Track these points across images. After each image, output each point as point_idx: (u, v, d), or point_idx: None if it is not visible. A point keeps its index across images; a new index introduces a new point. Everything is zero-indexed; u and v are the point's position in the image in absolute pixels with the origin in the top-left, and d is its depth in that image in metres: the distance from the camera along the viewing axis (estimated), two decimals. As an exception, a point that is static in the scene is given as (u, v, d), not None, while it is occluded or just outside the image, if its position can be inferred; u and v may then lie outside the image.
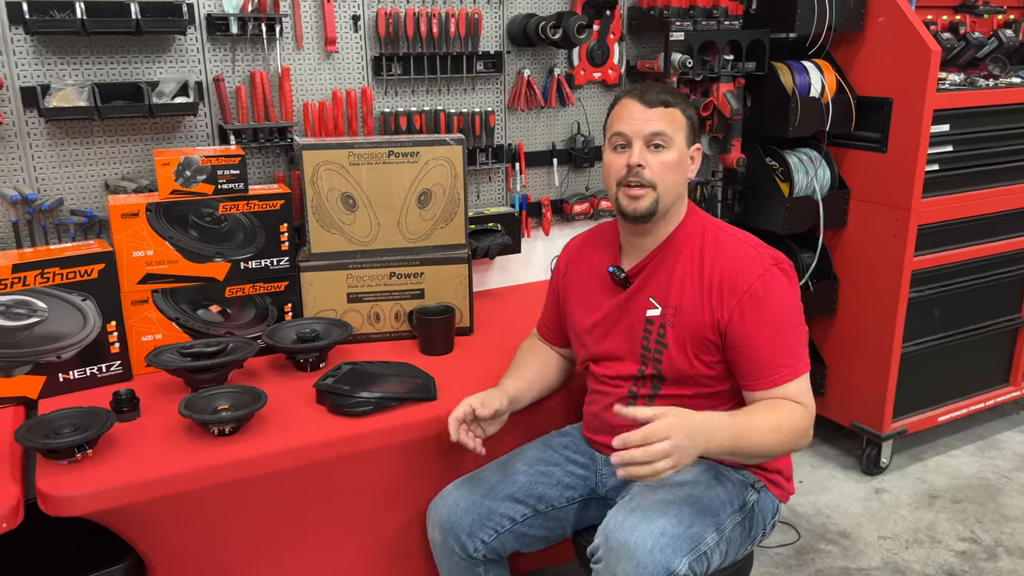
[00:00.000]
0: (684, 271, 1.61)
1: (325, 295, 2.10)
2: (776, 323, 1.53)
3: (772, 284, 1.55)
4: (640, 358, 1.65)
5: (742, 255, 1.58)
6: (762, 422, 1.47)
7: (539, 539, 1.75)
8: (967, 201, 2.73)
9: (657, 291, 1.64)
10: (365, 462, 1.73)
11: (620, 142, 1.60)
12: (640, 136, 1.57)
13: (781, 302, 1.55)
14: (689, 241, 1.64)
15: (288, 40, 2.19)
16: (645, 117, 1.57)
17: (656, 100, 1.58)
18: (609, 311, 1.70)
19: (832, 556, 2.45)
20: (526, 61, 2.52)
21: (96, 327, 1.85)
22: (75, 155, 2.02)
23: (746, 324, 1.53)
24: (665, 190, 1.58)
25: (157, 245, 1.91)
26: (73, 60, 1.97)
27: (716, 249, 1.61)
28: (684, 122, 1.61)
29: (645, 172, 1.57)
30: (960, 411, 2.96)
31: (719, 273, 1.57)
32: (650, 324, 1.63)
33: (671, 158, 1.58)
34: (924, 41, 2.47)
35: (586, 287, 1.77)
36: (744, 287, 1.54)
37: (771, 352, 1.52)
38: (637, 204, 1.58)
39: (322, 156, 2.03)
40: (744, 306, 1.53)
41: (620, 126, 1.60)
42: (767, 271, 1.55)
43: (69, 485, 1.47)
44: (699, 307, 1.57)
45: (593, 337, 1.73)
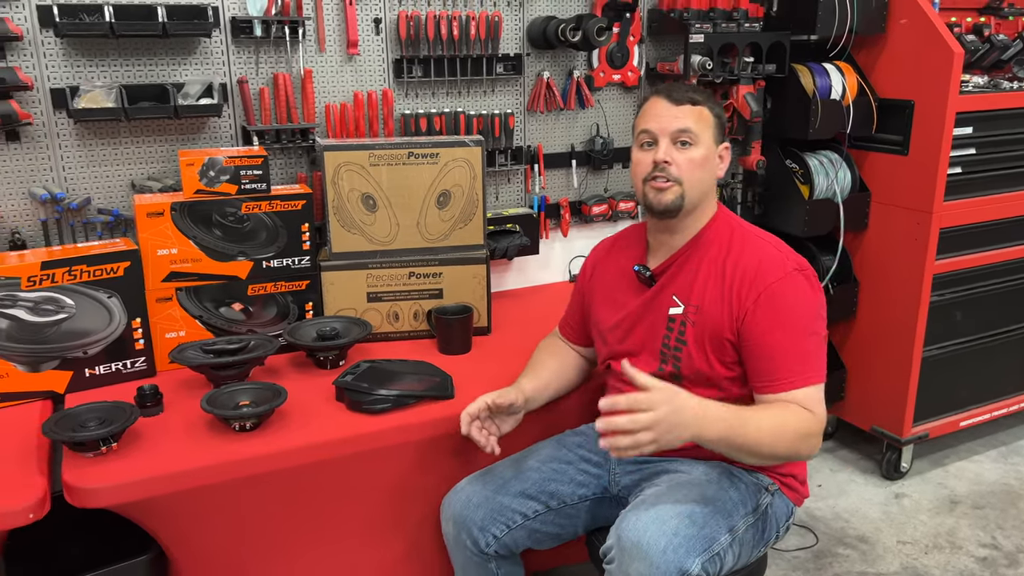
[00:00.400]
0: (709, 270, 1.61)
1: (345, 294, 2.13)
2: (790, 327, 1.52)
3: (792, 287, 1.54)
4: (660, 355, 1.65)
5: (764, 255, 1.59)
6: (763, 419, 1.46)
7: (551, 536, 1.76)
8: (990, 204, 2.70)
9: (681, 289, 1.64)
10: (382, 459, 1.75)
11: (647, 139, 1.61)
12: (666, 133, 1.58)
13: (798, 307, 1.54)
14: (716, 241, 1.64)
15: (311, 43, 2.22)
16: (672, 114, 1.58)
17: (684, 98, 1.59)
18: (633, 309, 1.71)
19: (850, 560, 2.43)
20: (546, 63, 2.54)
21: (121, 324, 1.89)
22: (102, 155, 2.06)
23: (759, 324, 1.53)
24: (691, 186, 1.59)
25: (181, 244, 1.95)
26: (101, 62, 2.01)
27: (741, 249, 1.61)
28: (712, 120, 1.61)
29: (671, 168, 1.58)
30: (983, 416, 2.92)
31: (740, 272, 1.57)
32: (672, 322, 1.64)
33: (697, 155, 1.59)
34: (947, 43, 2.45)
35: (612, 287, 1.78)
36: (762, 286, 1.54)
37: (782, 356, 1.51)
38: (662, 197, 1.59)
39: (343, 157, 2.06)
40: (759, 305, 1.53)
41: (647, 123, 1.61)
42: (788, 275, 1.55)
43: (94, 477, 1.51)
44: (719, 306, 1.58)
45: (616, 335, 1.74)
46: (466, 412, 1.67)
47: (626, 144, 2.72)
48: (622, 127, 2.70)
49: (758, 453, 1.47)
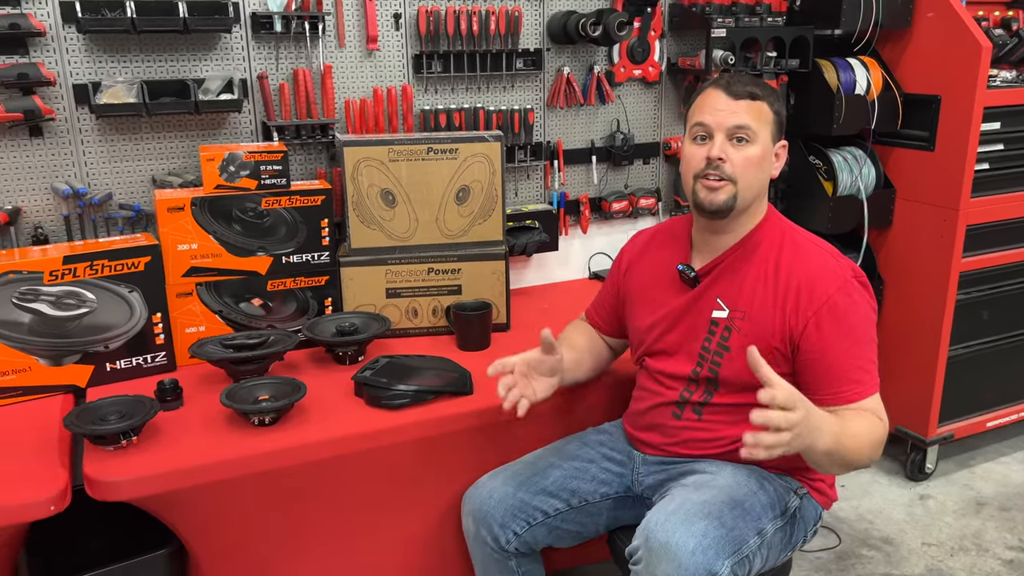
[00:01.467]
0: (758, 275, 1.56)
1: (364, 290, 2.12)
2: (852, 337, 1.48)
3: (852, 297, 1.50)
4: (698, 358, 1.60)
5: (821, 263, 1.53)
6: (856, 428, 1.41)
7: (571, 534, 1.74)
8: (1017, 201, 2.65)
9: (726, 292, 1.59)
10: (401, 454, 1.74)
11: (701, 133, 1.54)
12: (723, 128, 1.51)
13: (859, 317, 1.50)
14: (766, 243, 1.58)
15: (330, 38, 2.22)
16: (730, 109, 1.51)
17: (743, 92, 1.52)
18: (673, 309, 1.65)
19: (874, 562, 2.40)
20: (566, 58, 2.52)
21: (142, 318, 1.89)
22: (124, 150, 2.07)
23: (823, 336, 1.48)
24: (745, 186, 1.52)
25: (201, 239, 1.95)
26: (123, 58, 2.02)
27: (794, 255, 1.55)
28: (771, 117, 1.54)
29: (725, 166, 1.51)
30: (1009, 417, 2.87)
31: (796, 280, 1.52)
32: (714, 326, 1.59)
33: (754, 153, 1.52)
34: (974, 37, 2.41)
35: (651, 284, 1.72)
36: (823, 297, 1.49)
37: (845, 367, 1.47)
38: (714, 196, 1.52)
39: (362, 153, 2.05)
40: (821, 317, 1.48)
41: (702, 116, 1.54)
42: (847, 283, 1.50)
43: (114, 471, 1.51)
44: (771, 314, 1.52)
45: (653, 334, 1.69)
46: (500, 361, 1.60)
47: (647, 140, 2.70)
48: (643, 123, 2.68)
49: (848, 463, 1.41)
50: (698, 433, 1.61)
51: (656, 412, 1.68)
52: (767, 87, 1.57)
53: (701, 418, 1.61)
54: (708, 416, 1.61)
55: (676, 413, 1.64)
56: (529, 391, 1.62)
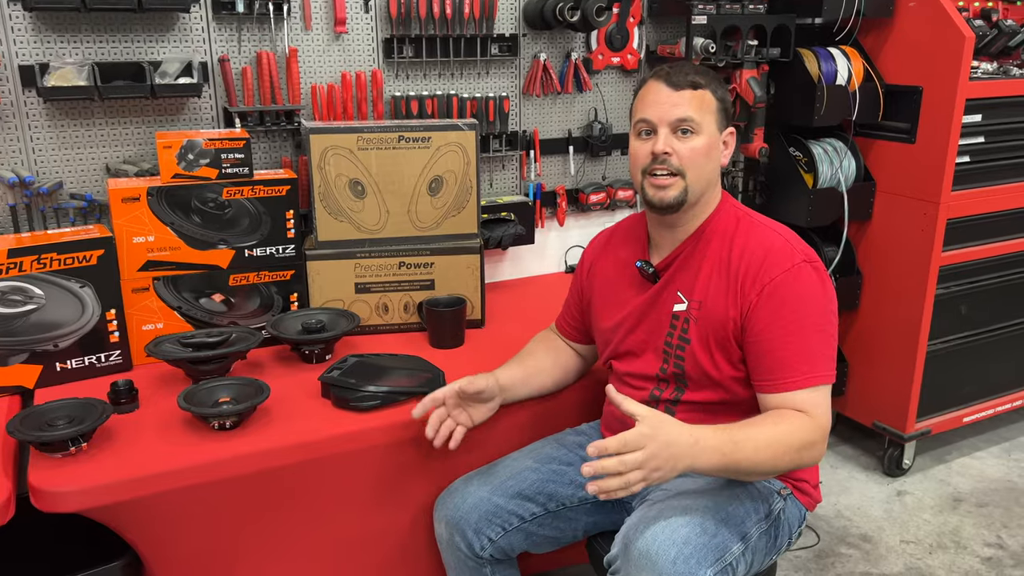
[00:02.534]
0: (713, 263, 1.52)
1: (332, 285, 2.03)
2: (796, 323, 1.43)
3: (799, 280, 1.45)
4: (663, 355, 1.57)
5: (771, 245, 1.49)
6: (759, 438, 1.36)
7: (549, 539, 1.68)
8: (998, 194, 2.63)
9: (684, 285, 1.55)
10: (371, 458, 1.66)
11: (645, 128, 1.51)
12: (666, 122, 1.48)
13: (806, 301, 1.44)
14: (720, 231, 1.54)
15: (296, 20, 2.12)
16: (671, 101, 1.47)
17: (684, 82, 1.48)
18: (636, 307, 1.62)
19: (853, 560, 2.37)
20: (542, 44, 2.44)
21: (95, 315, 1.79)
22: (75, 137, 1.96)
23: (762, 318, 1.44)
24: (694, 178, 1.49)
25: (158, 231, 1.85)
26: (73, 38, 1.90)
27: (747, 238, 1.51)
28: (715, 104, 1.50)
29: (672, 159, 1.47)
30: (986, 412, 2.86)
31: (746, 263, 1.48)
32: (675, 319, 1.55)
33: (700, 144, 1.48)
34: (957, 27, 2.37)
35: (613, 284, 1.69)
36: (767, 279, 1.45)
37: (784, 353, 1.42)
38: (664, 194, 1.49)
39: (330, 140, 1.96)
40: (763, 298, 1.44)
41: (645, 111, 1.50)
42: (796, 266, 1.46)
43: (62, 480, 1.41)
44: (723, 300, 1.49)
45: (619, 334, 1.65)
46: (430, 396, 1.58)
47: (626, 130, 2.63)
48: (621, 112, 2.61)
49: (758, 473, 1.39)
50: None
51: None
52: (709, 74, 1.53)
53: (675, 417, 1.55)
54: (682, 415, 1.56)
55: None
56: (464, 418, 1.61)
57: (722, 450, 1.31)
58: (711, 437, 1.31)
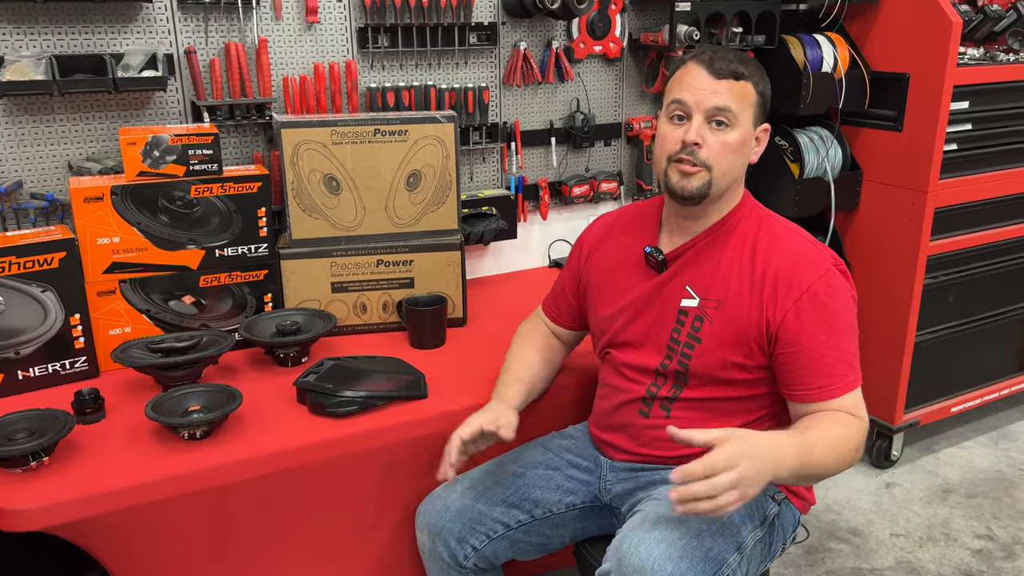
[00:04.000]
0: (732, 262, 1.46)
1: (307, 284, 1.96)
2: (834, 330, 1.38)
3: (833, 287, 1.40)
4: (666, 349, 1.50)
5: (801, 251, 1.44)
6: (825, 442, 1.32)
7: (535, 547, 1.63)
8: (986, 182, 2.60)
9: (697, 280, 1.49)
10: (350, 466, 1.60)
11: (678, 112, 1.42)
12: (702, 109, 1.39)
13: (840, 307, 1.40)
14: (741, 229, 1.48)
15: (266, 9, 2.04)
16: (712, 88, 1.39)
17: (726, 70, 1.39)
18: (639, 295, 1.55)
19: (843, 555, 2.34)
20: (522, 33, 2.37)
21: (58, 320, 1.71)
22: (34, 134, 1.87)
23: (802, 328, 1.38)
24: (721, 173, 1.41)
25: (124, 231, 1.77)
26: (30, 30, 1.81)
27: (772, 242, 1.45)
28: (755, 98, 1.42)
29: (701, 152, 1.40)
30: (974, 401, 2.84)
31: (774, 268, 1.42)
32: (683, 315, 1.48)
33: (733, 139, 1.40)
34: (944, 13, 2.32)
35: (614, 270, 1.61)
36: (803, 286, 1.39)
37: (826, 360, 1.37)
38: (687, 183, 1.42)
39: (303, 135, 1.89)
40: (801, 307, 1.39)
41: (681, 93, 1.41)
42: (828, 271, 1.41)
43: (22, 497, 1.35)
44: (747, 303, 1.42)
45: (618, 323, 1.57)
46: (458, 436, 1.47)
47: (608, 121, 2.57)
48: (604, 102, 2.55)
49: (822, 476, 1.35)
50: None
51: (623, 411, 1.57)
52: (753, 64, 1.44)
53: (670, 415, 1.51)
54: (678, 412, 1.50)
55: (643, 411, 1.54)
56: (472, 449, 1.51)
57: (799, 454, 1.27)
58: (787, 442, 1.28)
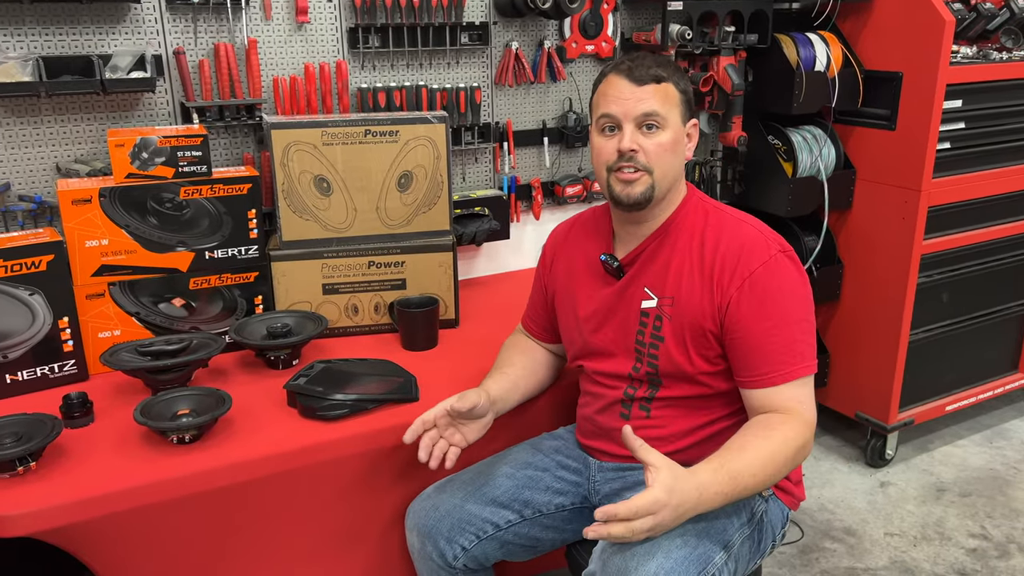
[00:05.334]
0: (683, 258, 1.47)
1: (298, 286, 1.95)
2: (778, 315, 1.39)
3: (778, 272, 1.41)
4: (635, 354, 1.51)
5: (746, 238, 1.44)
6: (755, 459, 1.31)
7: (525, 548, 1.62)
8: (979, 181, 2.59)
9: (653, 281, 1.50)
10: (340, 470, 1.59)
11: (608, 124, 1.45)
12: (630, 118, 1.42)
13: (786, 293, 1.41)
14: (688, 226, 1.49)
15: (255, 9, 2.03)
16: (636, 96, 1.42)
17: (646, 76, 1.42)
18: (602, 303, 1.56)
19: (838, 555, 2.34)
20: (514, 33, 2.36)
21: (46, 324, 1.70)
22: (22, 135, 1.86)
23: (744, 312, 1.39)
24: (661, 175, 1.44)
25: (113, 234, 1.76)
26: (16, 31, 1.80)
27: (719, 232, 1.46)
28: (678, 97, 1.45)
29: (639, 157, 1.42)
30: (968, 400, 2.84)
31: (721, 257, 1.43)
32: (645, 316, 1.50)
33: (666, 139, 1.43)
34: (937, 11, 2.32)
35: (576, 278, 1.63)
36: (746, 272, 1.40)
37: (770, 347, 1.38)
38: (631, 189, 1.44)
39: (293, 136, 1.88)
40: (744, 292, 1.39)
41: (608, 107, 1.44)
42: (773, 257, 1.41)
43: (9, 503, 1.34)
44: (699, 295, 1.44)
45: (585, 332, 1.59)
46: (420, 418, 1.50)
47: (600, 120, 2.56)
48: (588, 103, 2.53)
49: (761, 489, 1.35)
50: (650, 431, 1.51)
51: (604, 415, 1.58)
52: (671, 65, 1.48)
53: (650, 415, 1.52)
54: (657, 411, 1.51)
55: (623, 413, 1.55)
56: (457, 438, 1.54)
57: (723, 491, 1.28)
58: (712, 482, 1.27)
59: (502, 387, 1.61)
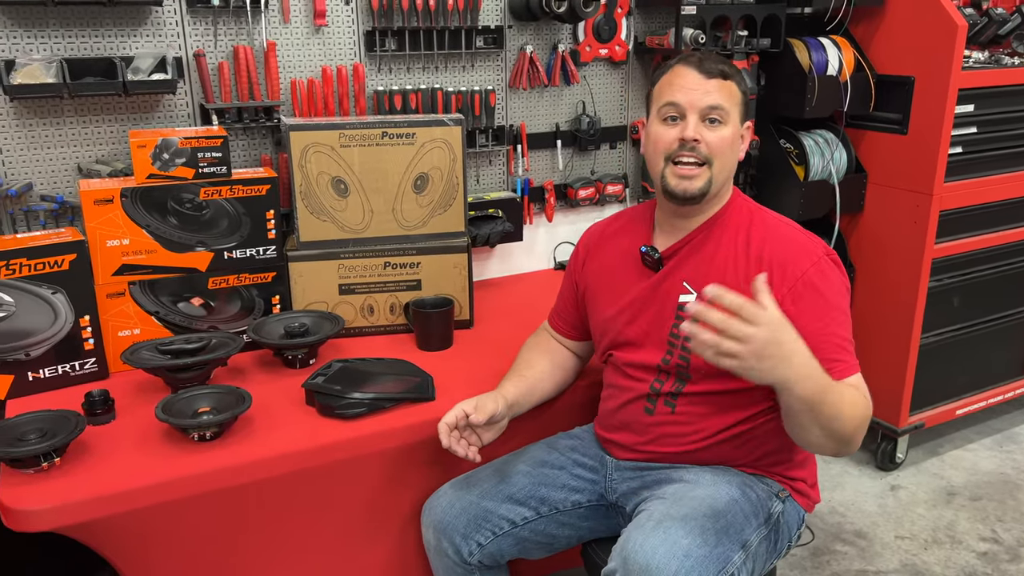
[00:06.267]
0: (727, 255, 1.48)
1: (315, 287, 1.97)
2: (829, 315, 1.40)
3: (826, 274, 1.43)
4: (667, 345, 1.51)
5: (793, 240, 1.47)
6: (845, 392, 1.32)
7: (541, 545, 1.63)
8: (991, 185, 2.60)
9: (693, 275, 1.51)
10: (358, 467, 1.61)
11: (672, 113, 1.46)
12: (696, 108, 1.43)
13: (834, 294, 1.43)
14: (734, 224, 1.51)
15: (274, 12, 2.05)
16: (703, 88, 1.43)
17: (715, 70, 1.44)
18: (638, 295, 1.57)
19: (848, 558, 2.34)
20: (528, 36, 2.38)
21: (68, 322, 1.72)
22: (44, 136, 1.88)
23: (799, 313, 1.38)
24: (719, 168, 1.46)
25: (133, 233, 1.78)
26: (40, 33, 1.82)
27: (764, 233, 1.48)
28: (740, 97, 1.48)
29: (701, 147, 1.43)
30: (978, 404, 2.84)
31: (768, 257, 1.45)
32: (682, 311, 1.50)
33: (727, 134, 1.45)
34: (950, 16, 2.33)
35: (611, 272, 1.63)
36: (797, 273, 1.42)
37: (824, 346, 1.37)
38: (688, 184, 1.45)
39: (311, 137, 1.90)
40: (796, 294, 1.41)
41: (673, 95, 1.45)
42: (821, 259, 1.44)
43: (34, 498, 1.35)
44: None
45: (618, 323, 1.59)
46: (443, 422, 1.52)
47: (613, 123, 2.58)
48: (609, 105, 2.56)
49: (832, 429, 1.30)
50: (672, 428, 1.52)
51: (627, 410, 1.58)
52: (734, 66, 1.50)
53: (675, 411, 1.52)
54: (682, 408, 1.52)
55: (648, 408, 1.55)
56: (474, 439, 1.56)
57: (820, 382, 1.26)
58: (817, 367, 1.26)
59: (519, 390, 1.62)
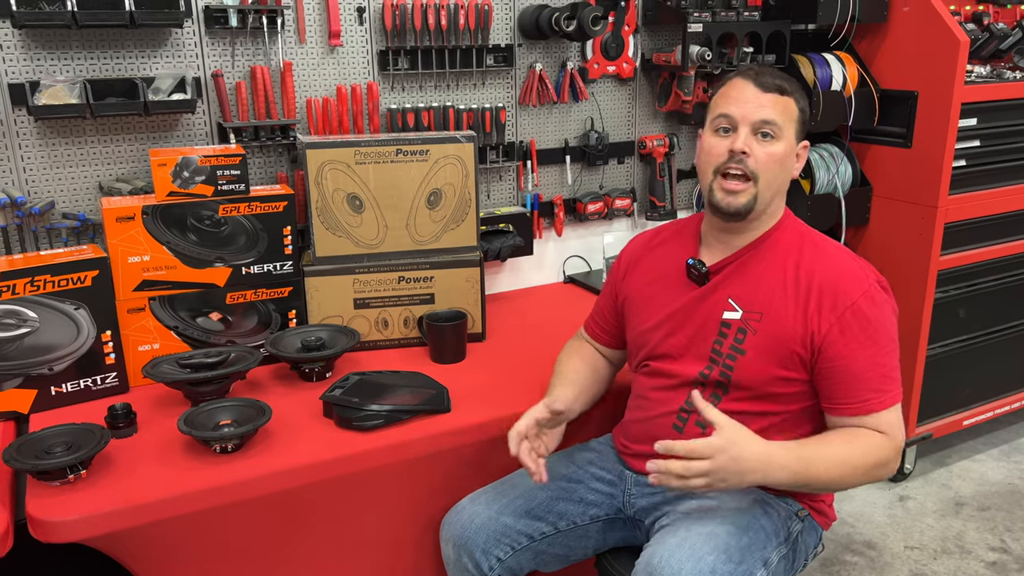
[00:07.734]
0: (775, 276, 1.48)
1: (331, 301, 2.00)
2: (876, 345, 1.41)
3: (876, 303, 1.43)
4: (708, 359, 1.51)
5: (844, 267, 1.46)
6: (831, 455, 1.36)
7: (558, 558, 1.65)
8: (995, 198, 2.63)
9: (739, 292, 1.51)
10: (376, 479, 1.63)
11: (724, 125, 1.46)
12: (748, 121, 1.43)
13: (882, 323, 1.43)
14: (783, 244, 1.51)
15: (290, 33, 2.09)
16: (758, 102, 1.43)
17: (772, 85, 1.44)
18: (680, 307, 1.56)
19: (859, 568, 2.36)
20: (538, 54, 2.42)
21: (90, 337, 1.75)
22: (67, 155, 1.92)
23: (847, 342, 1.40)
24: (766, 185, 1.45)
25: (154, 250, 1.82)
26: (64, 55, 1.87)
27: (815, 256, 1.48)
28: (796, 114, 1.47)
29: (749, 160, 1.43)
30: (986, 415, 2.86)
31: (819, 283, 1.44)
32: (726, 327, 1.50)
33: (779, 150, 1.44)
34: (952, 31, 2.37)
35: (654, 284, 1.63)
36: (847, 302, 1.42)
37: (867, 376, 1.40)
38: (733, 200, 1.45)
39: (327, 155, 1.93)
40: (845, 322, 1.41)
41: (727, 107, 1.45)
42: (872, 287, 1.44)
43: (61, 509, 1.38)
44: (791, 316, 1.45)
45: (658, 335, 1.59)
46: (515, 431, 1.50)
47: (621, 139, 2.62)
48: (617, 121, 2.60)
49: (830, 489, 1.41)
50: None
51: (656, 423, 1.57)
52: (794, 82, 1.49)
53: (706, 431, 1.52)
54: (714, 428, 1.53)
55: (677, 425, 1.55)
56: (542, 448, 1.55)
57: (792, 468, 1.32)
58: (782, 455, 1.32)
59: (569, 396, 1.63)
